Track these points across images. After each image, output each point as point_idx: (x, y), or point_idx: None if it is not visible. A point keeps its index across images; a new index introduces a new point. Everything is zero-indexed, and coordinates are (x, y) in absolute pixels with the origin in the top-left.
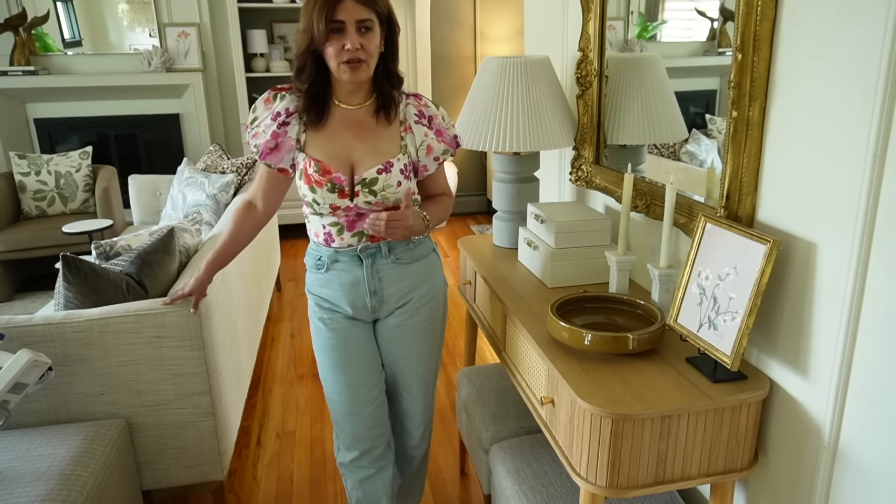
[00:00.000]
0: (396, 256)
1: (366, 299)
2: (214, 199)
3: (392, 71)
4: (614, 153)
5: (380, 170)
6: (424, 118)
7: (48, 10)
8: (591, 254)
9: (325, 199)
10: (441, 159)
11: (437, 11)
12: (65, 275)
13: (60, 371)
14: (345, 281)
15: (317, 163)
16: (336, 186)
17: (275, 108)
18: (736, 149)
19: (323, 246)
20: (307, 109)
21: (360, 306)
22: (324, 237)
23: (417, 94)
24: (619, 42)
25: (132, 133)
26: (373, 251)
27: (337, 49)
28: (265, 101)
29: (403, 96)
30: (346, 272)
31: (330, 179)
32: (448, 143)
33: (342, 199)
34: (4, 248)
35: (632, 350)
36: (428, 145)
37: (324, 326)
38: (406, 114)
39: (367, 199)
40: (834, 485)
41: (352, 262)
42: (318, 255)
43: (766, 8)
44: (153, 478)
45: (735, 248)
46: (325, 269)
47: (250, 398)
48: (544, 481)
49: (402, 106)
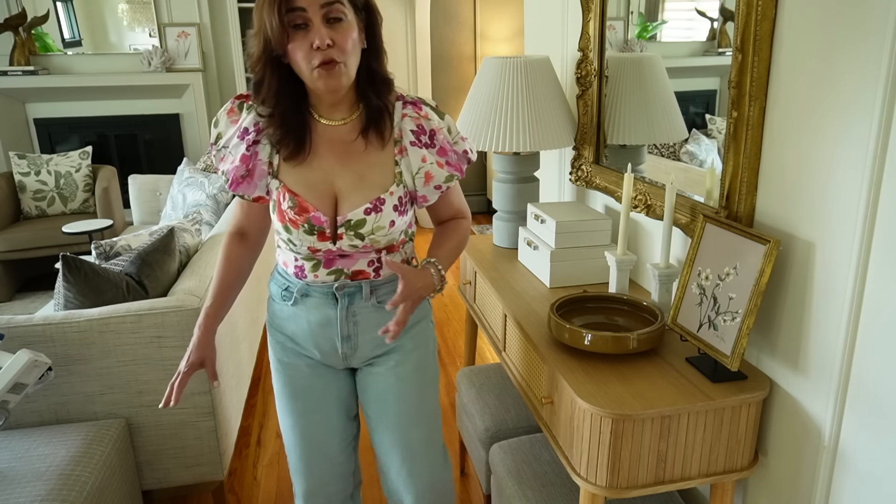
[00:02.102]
0: (379, 299)
1: (336, 344)
2: (214, 199)
3: (377, 72)
4: (614, 153)
5: (368, 209)
6: (424, 134)
7: (48, 10)
8: (591, 254)
9: (303, 242)
10: (444, 188)
11: (437, 11)
12: (65, 275)
13: (60, 371)
14: (313, 319)
15: (292, 196)
16: (315, 228)
17: (241, 122)
18: (736, 149)
19: (292, 276)
20: (281, 140)
21: (328, 351)
22: (294, 269)
23: (417, 101)
24: (619, 42)
25: (132, 133)
26: (351, 290)
27: (305, 50)
28: (228, 112)
29: (399, 104)
30: (315, 310)
31: (308, 220)
32: (454, 166)
33: (322, 242)
34: (4, 248)
35: (632, 350)
36: (426, 172)
37: (282, 370)
38: (402, 129)
39: (352, 243)
40: (834, 485)
41: (325, 299)
42: (286, 285)
43: (766, 8)
44: (153, 478)
45: (735, 248)
46: (293, 301)
47: (250, 398)
48: (544, 481)
49: (398, 119)
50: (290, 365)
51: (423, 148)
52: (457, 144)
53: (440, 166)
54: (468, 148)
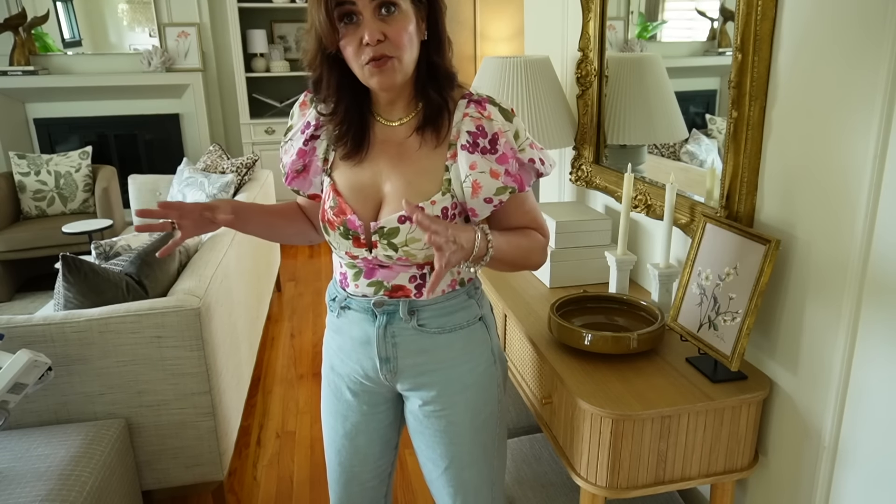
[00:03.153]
0: (420, 322)
1: (376, 364)
2: (214, 199)
3: (438, 66)
4: (614, 153)
5: (402, 217)
6: (483, 137)
7: (48, 10)
8: (591, 254)
9: (340, 245)
10: (495, 201)
11: None
12: (65, 275)
13: (60, 371)
14: (355, 335)
15: (335, 196)
16: (350, 232)
17: (308, 115)
18: (736, 149)
19: (339, 286)
20: (340, 139)
21: (370, 371)
22: (340, 277)
23: (484, 100)
24: (620, 42)
25: (132, 133)
26: (390, 309)
27: (355, 46)
28: (300, 105)
29: (463, 102)
30: (356, 325)
31: (343, 222)
32: (514, 177)
33: (358, 249)
34: (4, 248)
35: (632, 350)
36: (474, 181)
37: (328, 389)
38: (459, 131)
39: (387, 253)
40: (834, 485)
41: (363, 315)
42: (335, 294)
43: (766, 8)
44: (153, 478)
45: (735, 248)
46: (337, 314)
47: (250, 398)
48: (544, 481)
49: (458, 118)
50: (335, 386)
51: (478, 153)
52: (522, 152)
53: (494, 176)
54: (540, 157)
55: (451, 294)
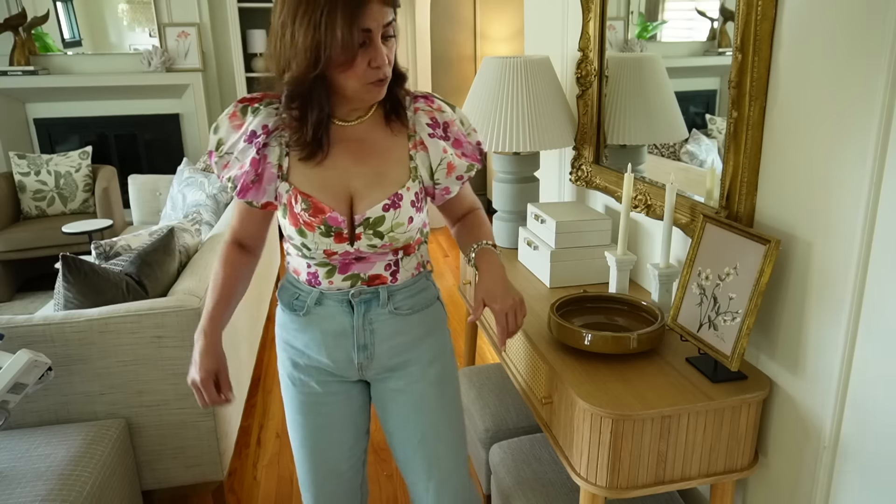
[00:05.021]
0: (396, 305)
1: (351, 354)
2: (214, 199)
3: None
4: (614, 153)
5: (386, 206)
6: (438, 127)
7: (48, 10)
8: (591, 254)
9: (319, 245)
10: (465, 177)
11: (437, 11)
12: (65, 275)
13: (60, 371)
14: (327, 329)
15: (305, 198)
16: (332, 229)
17: (247, 126)
18: (736, 149)
19: (304, 284)
20: (301, 144)
21: (343, 362)
22: (307, 277)
23: (428, 95)
24: (619, 42)
25: (132, 133)
26: (367, 297)
27: (363, 67)
28: (230, 116)
29: (409, 99)
30: (330, 319)
31: (324, 221)
32: (471, 156)
33: (340, 244)
34: (4, 248)
35: (632, 350)
36: (448, 163)
37: (293, 388)
38: (416, 124)
39: (371, 243)
40: (834, 485)
41: (340, 307)
42: (297, 294)
43: (766, 8)
44: (153, 478)
45: (735, 248)
46: (305, 311)
47: (250, 398)
48: (544, 481)
49: (411, 113)
50: (301, 382)
51: (442, 140)
52: (470, 136)
53: (459, 157)
54: (478, 140)
55: (417, 276)
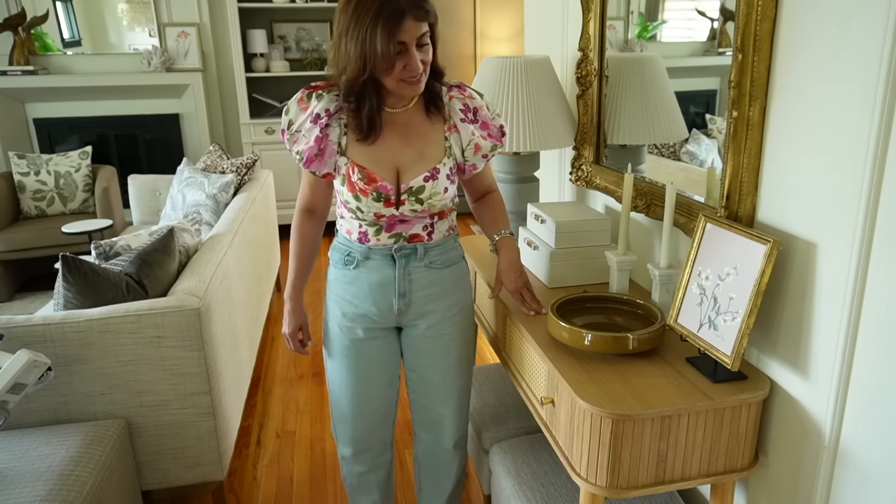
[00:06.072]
0: (430, 260)
1: (392, 301)
2: (214, 199)
3: (435, 64)
4: (614, 153)
5: (427, 177)
6: (470, 112)
7: (47, 10)
8: (591, 254)
9: (370, 208)
10: (490, 156)
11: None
12: (64, 275)
13: (60, 371)
14: (373, 280)
15: (361, 170)
16: (382, 195)
17: (312, 109)
18: (736, 149)
19: (355, 242)
20: (358, 128)
21: (385, 308)
22: (358, 235)
23: (461, 85)
24: (620, 42)
25: (132, 133)
26: (408, 252)
27: (399, 70)
28: (298, 101)
29: (445, 88)
30: (376, 271)
31: (376, 188)
32: (495, 138)
33: (388, 208)
34: (4, 248)
35: (632, 350)
36: (476, 144)
37: (341, 334)
38: (451, 110)
39: (412, 208)
40: (834, 485)
41: (384, 261)
42: (348, 251)
43: (766, 8)
44: (153, 478)
45: (735, 248)
46: (355, 265)
47: (250, 398)
48: (544, 481)
49: (446, 100)
50: (348, 329)
51: (471, 123)
52: (494, 119)
53: (484, 139)
54: (503, 123)
55: (448, 237)
